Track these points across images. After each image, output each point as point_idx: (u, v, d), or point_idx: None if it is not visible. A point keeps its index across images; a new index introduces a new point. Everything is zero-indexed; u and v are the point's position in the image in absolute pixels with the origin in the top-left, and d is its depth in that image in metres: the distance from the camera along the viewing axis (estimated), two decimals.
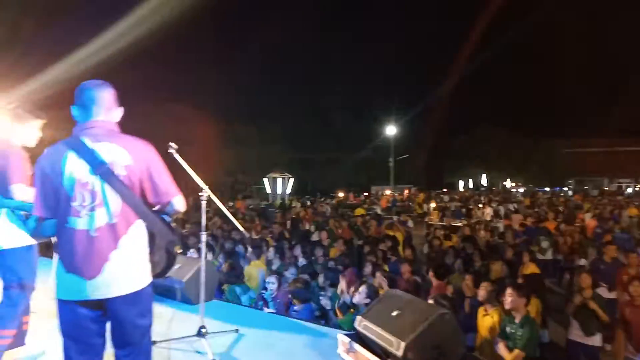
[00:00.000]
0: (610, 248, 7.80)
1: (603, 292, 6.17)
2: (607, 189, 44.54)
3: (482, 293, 4.85)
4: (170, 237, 2.42)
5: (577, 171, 51.08)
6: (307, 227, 14.76)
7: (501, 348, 4.35)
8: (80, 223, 2.24)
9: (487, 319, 4.74)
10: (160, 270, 2.43)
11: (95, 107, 2.38)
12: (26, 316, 3.31)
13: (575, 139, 50.33)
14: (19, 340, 3.27)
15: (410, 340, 2.89)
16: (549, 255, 10.43)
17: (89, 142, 2.30)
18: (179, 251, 2.47)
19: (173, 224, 2.56)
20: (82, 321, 2.28)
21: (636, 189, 45.39)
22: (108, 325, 2.36)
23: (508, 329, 4.42)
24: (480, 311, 4.90)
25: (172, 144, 3.34)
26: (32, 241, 3.18)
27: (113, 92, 2.47)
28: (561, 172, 50.39)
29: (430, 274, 5.83)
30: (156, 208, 2.42)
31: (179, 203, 2.46)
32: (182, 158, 3.43)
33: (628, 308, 5.30)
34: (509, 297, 4.43)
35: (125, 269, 2.27)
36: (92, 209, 2.25)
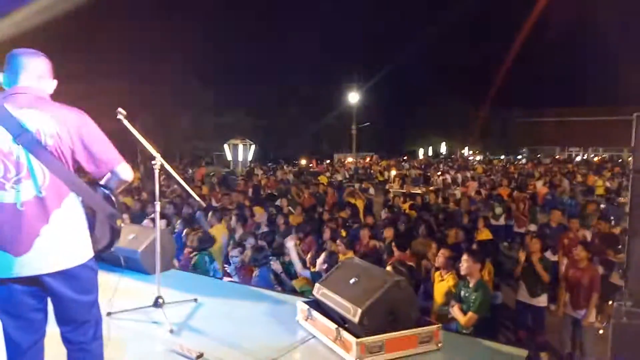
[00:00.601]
0: (555, 213, 8.20)
1: (549, 255, 6.51)
2: (558, 157, 46.58)
3: (440, 259, 5.00)
4: (109, 210, 2.28)
5: (531, 140, 53.07)
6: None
7: (455, 311, 4.51)
8: (5, 196, 2.09)
9: (442, 284, 4.91)
10: (104, 245, 2.32)
11: (24, 73, 2.20)
12: None
13: (529, 110, 52.04)
14: None
15: (366, 306, 2.94)
16: (502, 221, 10.91)
17: (11, 109, 2.11)
18: (122, 225, 2.35)
19: (121, 196, 2.44)
20: (18, 296, 2.17)
21: (584, 157, 47.70)
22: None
23: (462, 293, 4.58)
24: (437, 277, 5.05)
25: (121, 110, 3.16)
26: None
27: (48, 62, 2.29)
28: (515, 141, 52.27)
29: (393, 245, 5.91)
30: (103, 181, 2.30)
31: (124, 171, 2.32)
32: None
33: (571, 269, 5.61)
34: (464, 263, 4.57)
35: (59, 245, 2.14)
36: (18, 182, 2.09)
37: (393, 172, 23.58)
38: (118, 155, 2.31)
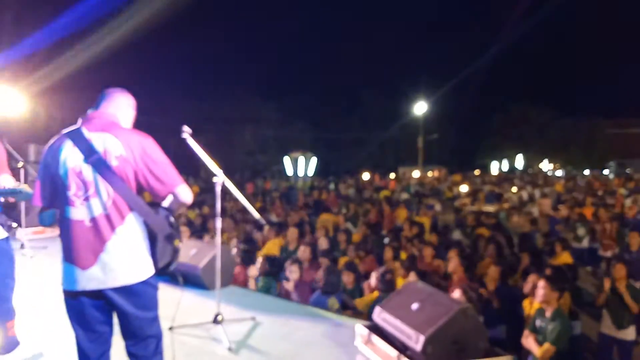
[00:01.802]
0: (634, 236, 7.40)
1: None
2: None
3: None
4: (168, 231, 2.35)
5: (619, 153, 48.96)
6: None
7: (530, 342, 4.16)
8: (75, 213, 2.24)
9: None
10: (164, 264, 2.38)
11: (105, 102, 2.43)
12: (10, 321, 3.20)
13: (617, 120, 48.14)
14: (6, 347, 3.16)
15: (430, 334, 2.79)
16: (585, 244, 10.03)
17: (85, 132, 2.30)
18: (180, 245, 2.41)
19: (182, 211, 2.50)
20: (87, 309, 2.29)
21: None
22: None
23: (538, 323, 4.23)
24: (527, 304, 4.70)
25: (186, 128, 3.25)
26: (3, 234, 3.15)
27: (131, 99, 2.55)
28: (601, 154, 48.30)
29: (456, 257, 5.58)
30: (165, 203, 2.37)
31: (184, 193, 2.40)
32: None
33: None
34: (541, 290, 4.20)
35: (121, 261, 2.24)
36: (87, 199, 2.23)
37: (464, 188, 22.64)
38: (179, 177, 2.41)
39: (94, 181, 2.23)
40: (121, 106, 2.47)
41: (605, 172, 45.50)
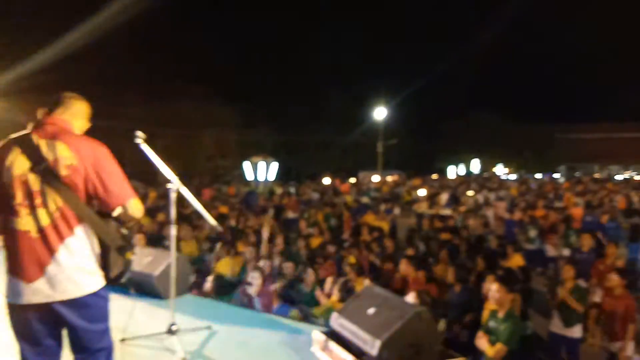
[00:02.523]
0: (585, 237, 7.78)
1: (580, 282, 6.14)
2: (598, 175, 44.93)
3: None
4: (119, 242, 2.29)
5: (569, 158, 51.40)
6: (291, 215, 14.57)
7: (483, 343, 4.27)
8: (20, 223, 2.13)
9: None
10: (115, 275, 2.31)
11: (61, 108, 2.33)
12: None
13: (567, 126, 50.57)
14: None
15: (385, 338, 2.81)
16: (537, 245, 10.43)
17: (35, 138, 2.19)
18: (133, 257, 2.35)
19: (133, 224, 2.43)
20: (31, 323, 2.20)
21: (626, 176, 45.87)
22: None
23: (491, 324, 4.34)
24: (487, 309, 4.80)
25: (139, 133, 3.16)
26: None
27: (87, 107, 2.44)
28: (553, 159, 50.64)
29: (407, 266, 5.67)
30: (114, 214, 2.29)
31: (133, 208, 2.32)
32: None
33: (606, 298, 5.28)
34: (496, 293, 4.32)
35: (69, 273, 2.16)
36: (33, 209, 2.13)
37: (423, 192, 23.10)
38: (130, 190, 2.34)
39: (41, 191, 2.13)
40: (76, 113, 2.37)
41: (556, 175, 47.69)
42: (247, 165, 27.19)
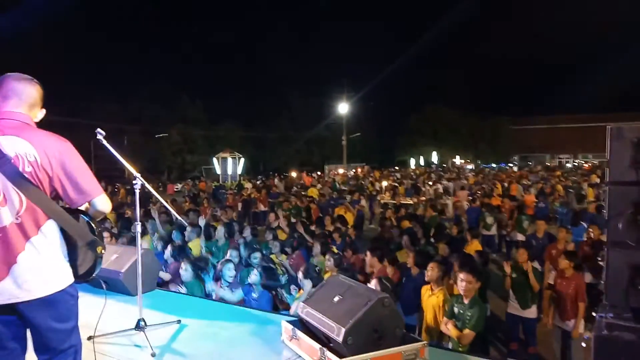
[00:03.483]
0: (540, 223, 8.21)
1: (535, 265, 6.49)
2: (549, 164, 46.93)
3: (430, 274, 4.87)
4: (89, 237, 2.25)
5: (522, 148, 53.45)
6: (261, 208, 14.69)
7: (450, 328, 4.37)
8: None
9: (432, 299, 4.83)
10: (84, 271, 2.29)
11: (15, 99, 2.20)
12: None
13: (519, 117, 52.54)
14: None
15: (350, 325, 2.91)
16: (493, 231, 10.93)
17: None
18: (103, 252, 2.33)
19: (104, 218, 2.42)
20: None
21: (574, 163, 48.10)
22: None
23: (456, 309, 4.44)
24: (426, 291, 4.99)
25: (99, 130, 3.13)
26: None
27: (41, 90, 2.30)
28: (507, 149, 52.60)
29: (372, 258, 5.84)
30: (81, 208, 2.27)
31: (101, 203, 2.29)
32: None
33: (558, 279, 5.61)
34: (466, 283, 4.38)
35: (36, 272, 2.12)
36: None
37: (385, 183, 23.57)
38: (97, 186, 2.30)
39: (3, 188, 2.07)
40: (33, 102, 2.25)
41: (510, 165, 49.53)
42: (215, 161, 27.12)
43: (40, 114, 2.33)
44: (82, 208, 2.30)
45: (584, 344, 5.16)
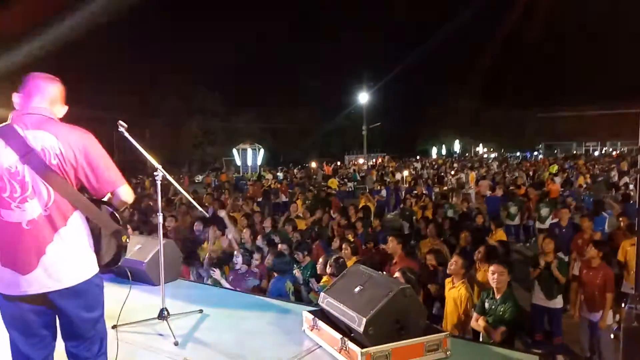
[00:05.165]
0: (563, 212, 7.99)
1: (561, 255, 6.34)
2: (575, 152, 45.79)
3: (453, 267, 4.80)
4: (114, 227, 2.30)
5: (547, 136, 52.21)
6: (283, 199, 14.79)
7: (481, 324, 4.29)
8: (11, 215, 2.12)
9: (453, 292, 4.77)
10: (109, 260, 2.34)
11: (38, 96, 2.26)
12: None
13: (545, 105, 51.25)
14: None
15: (371, 315, 2.89)
16: (517, 221, 10.74)
17: (20, 130, 2.16)
18: (128, 241, 2.39)
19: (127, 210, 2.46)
20: (26, 314, 2.21)
21: (602, 152, 46.84)
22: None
23: (487, 305, 4.35)
24: (447, 283, 4.93)
25: (121, 122, 3.15)
26: None
27: (62, 88, 2.37)
28: (531, 137, 51.42)
29: (396, 245, 5.79)
30: (105, 199, 2.32)
31: (125, 193, 2.33)
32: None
33: (584, 270, 5.46)
34: (496, 275, 4.30)
35: (64, 262, 2.17)
36: (23, 201, 2.12)
37: (406, 173, 23.39)
38: (120, 176, 2.34)
39: (32, 181, 2.12)
40: (54, 98, 2.32)
41: (535, 153, 48.49)
42: (235, 152, 27.41)
43: (63, 110, 2.39)
44: (106, 199, 2.34)
45: (612, 336, 5.05)
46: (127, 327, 3.50)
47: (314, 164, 31.34)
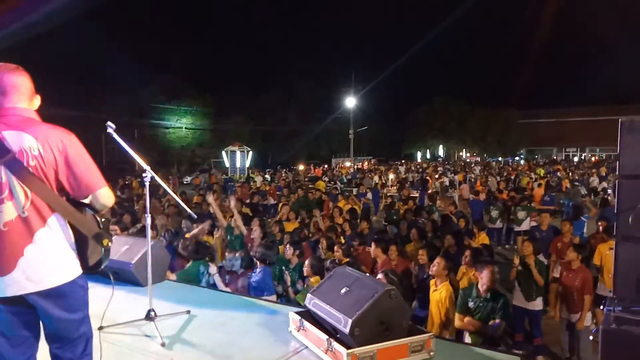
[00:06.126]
0: (544, 216, 8.19)
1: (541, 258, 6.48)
2: (556, 157, 46.63)
3: (435, 269, 4.90)
4: (95, 230, 2.28)
5: (529, 141, 53.05)
6: (272, 201, 14.80)
7: (470, 323, 4.38)
8: None
9: (436, 294, 4.86)
10: (93, 263, 2.32)
11: (15, 95, 2.21)
12: None
13: (526, 111, 52.05)
14: None
15: (357, 317, 2.93)
16: (498, 224, 10.94)
17: None
18: (110, 244, 2.36)
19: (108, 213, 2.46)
20: (6, 315, 2.19)
21: (582, 157, 47.75)
22: None
23: (471, 304, 4.45)
24: (431, 285, 5.01)
25: (110, 123, 3.16)
26: None
27: (28, 78, 2.29)
28: (514, 143, 52.20)
29: (376, 249, 5.88)
30: (86, 201, 2.29)
31: (104, 196, 2.30)
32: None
33: (564, 272, 5.60)
34: (489, 276, 4.41)
35: (43, 264, 2.15)
36: (1, 202, 2.10)
37: (391, 176, 23.58)
38: (101, 179, 2.30)
39: (9, 183, 2.10)
40: (29, 92, 2.26)
41: (517, 158, 49.25)
42: (224, 154, 27.44)
43: (37, 101, 2.34)
44: (87, 201, 2.31)
45: (591, 337, 5.19)
46: (114, 328, 3.50)
47: (301, 167, 31.43)
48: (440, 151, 54.04)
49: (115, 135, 3.22)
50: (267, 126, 41.25)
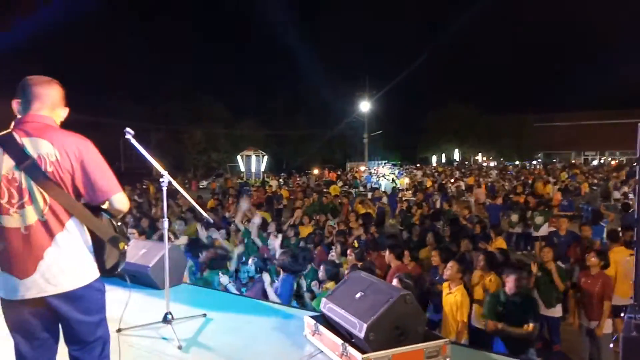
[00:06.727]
0: (562, 221, 8.05)
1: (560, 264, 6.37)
2: (574, 161, 45.84)
3: (448, 272, 4.89)
4: (111, 234, 2.33)
5: (546, 145, 52.28)
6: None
7: (502, 326, 4.38)
8: (10, 221, 2.18)
9: (450, 297, 4.83)
10: (110, 267, 2.37)
11: (37, 102, 2.29)
12: None
13: (544, 114, 51.34)
14: None
15: (372, 321, 2.93)
16: (518, 229, 10.77)
17: (18, 138, 2.21)
18: (126, 247, 2.40)
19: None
20: (27, 318, 2.25)
21: (601, 161, 46.88)
22: None
23: (501, 309, 4.45)
24: (444, 289, 4.98)
25: (129, 129, 3.23)
26: None
27: (61, 90, 2.38)
28: (531, 146, 51.50)
29: (389, 255, 5.86)
30: (104, 206, 2.35)
31: (119, 202, 2.34)
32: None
33: (583, 278, 5.50)
34: (513, 282, 4.44)
35: (62, 267, 2.21)
36: (21, 207, 2.18)
37: (406, 180, 23.47)
38: (116, 184, 2.35)
39: (28, 188, 2.17)
40: (54, 102, 2.34)
41: (534, 162, 48.54)
42: (240, 159, 27.75)
43: (64, 112, 2.41)
44: (105, 206, 2.36)
45: (611, 345, 5.08)
46: (132, 331, 3.55)
47: (316, 171, 31.54)
48: (456, 155, 53.53)
49: (133, 141, 3.28)
50: (281, 130, 41.47)
